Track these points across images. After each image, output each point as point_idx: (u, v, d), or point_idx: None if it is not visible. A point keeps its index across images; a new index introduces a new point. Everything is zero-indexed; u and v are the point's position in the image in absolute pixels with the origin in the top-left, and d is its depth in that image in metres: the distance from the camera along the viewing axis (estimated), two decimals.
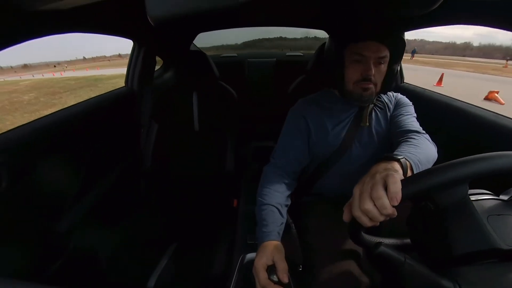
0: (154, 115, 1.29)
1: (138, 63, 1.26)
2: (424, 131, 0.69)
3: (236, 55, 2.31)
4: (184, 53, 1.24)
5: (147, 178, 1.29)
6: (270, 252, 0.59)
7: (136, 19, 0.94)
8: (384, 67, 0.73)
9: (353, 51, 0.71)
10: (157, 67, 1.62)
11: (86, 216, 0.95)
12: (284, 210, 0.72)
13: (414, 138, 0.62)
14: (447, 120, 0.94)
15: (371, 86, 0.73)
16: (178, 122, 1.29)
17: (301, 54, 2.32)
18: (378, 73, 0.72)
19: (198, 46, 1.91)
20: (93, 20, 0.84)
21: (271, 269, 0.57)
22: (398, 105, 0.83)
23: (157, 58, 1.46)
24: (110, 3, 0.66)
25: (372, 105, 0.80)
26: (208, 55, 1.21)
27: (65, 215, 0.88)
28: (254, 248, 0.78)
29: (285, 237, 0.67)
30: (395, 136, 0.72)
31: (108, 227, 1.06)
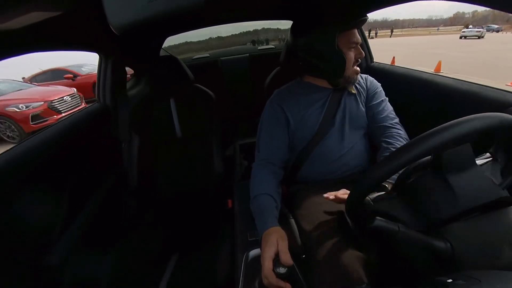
0: (133, 127, 1.25)
1: (108, 76, 1.21)
2: (396, 117, 0.82)
3: (209, 55, 2.28)
4: (155, 60, 1.20)
5: (136, 194, 1.25)
6: (276, 240, 0.59)
7: (97, 30, 0.89)
8: None
9: (346, 39, 0.76)
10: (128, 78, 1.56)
11: (77, 244, 0.90)
12: (276, 196, 0.74)
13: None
14: (418, 93, 0.98)
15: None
16: (159, 131, 1.26)
17: (273, 47, 2.33)
18: None
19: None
20: (51, 37, 0.79)
21: (278, 261, 0.57)
22: (370, 89, 0.88)
23: (128, 69, 1.40)
24: (66, 17, 0.62)
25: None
26: (179, 58, 1.19)
27: (54, 247, 0.83)
28: (256, 244, 0.78)
29: (285, 228, 0.68)
30: (376, 126, 0.83)
31: (103, 251, 1.01)
